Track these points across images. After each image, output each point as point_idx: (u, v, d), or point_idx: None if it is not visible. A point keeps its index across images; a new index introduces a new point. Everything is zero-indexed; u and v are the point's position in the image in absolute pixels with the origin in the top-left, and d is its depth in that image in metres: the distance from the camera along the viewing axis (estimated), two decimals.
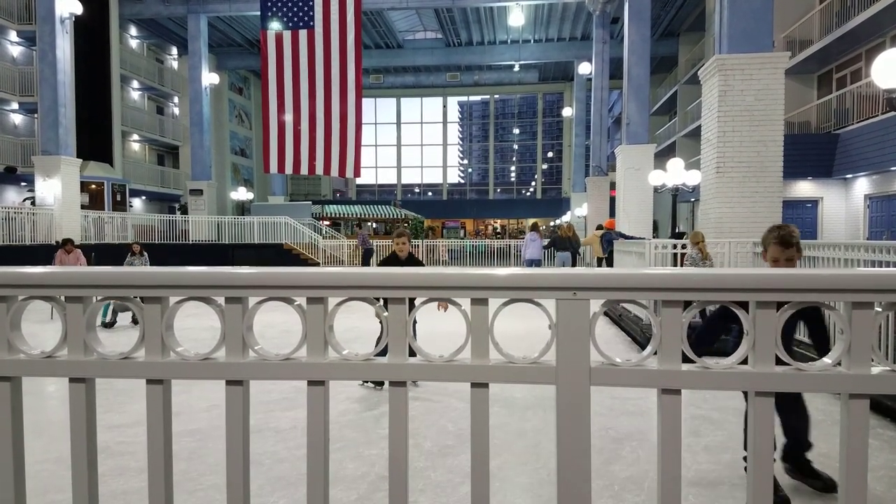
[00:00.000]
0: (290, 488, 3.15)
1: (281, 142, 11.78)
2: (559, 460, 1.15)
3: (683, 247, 7.80)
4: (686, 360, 1.15)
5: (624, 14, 15.84)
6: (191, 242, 20.09)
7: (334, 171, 11.89)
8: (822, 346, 3.13)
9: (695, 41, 24.88)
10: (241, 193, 30.95)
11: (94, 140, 21.35)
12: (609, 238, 12.84)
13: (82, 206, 17.01)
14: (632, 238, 11.90)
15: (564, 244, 14.19)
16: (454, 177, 43.96)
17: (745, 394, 1.18)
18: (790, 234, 3.03)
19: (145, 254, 9.50)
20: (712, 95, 8.24)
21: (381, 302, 1.27)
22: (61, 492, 3.08)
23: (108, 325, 8.84)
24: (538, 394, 4.94)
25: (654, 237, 14.90)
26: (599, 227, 16.82)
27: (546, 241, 14.96)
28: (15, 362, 1.26)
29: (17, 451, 1.27)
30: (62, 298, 1.26)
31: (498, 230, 41.24)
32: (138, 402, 4.71)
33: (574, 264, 13.83)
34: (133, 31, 26.19)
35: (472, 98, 43.74)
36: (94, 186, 20.58)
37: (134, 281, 1.23)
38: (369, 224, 29.71)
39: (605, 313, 7.92)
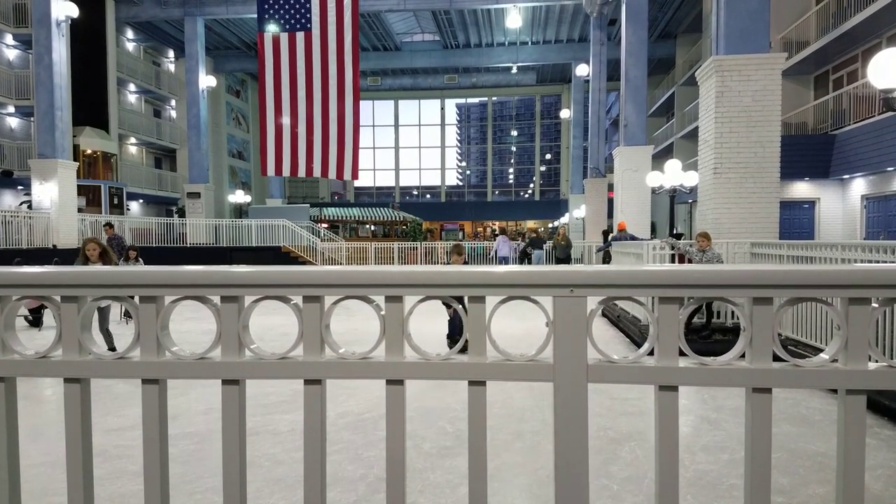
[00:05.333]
0: (289, 490, 3.15)
1: (278, 144, 11.77)
2: (557, 458, 1.15)
3: (672, 248, 7.79)
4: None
5: (621, 16, 15.86)
6: (189, 245, 20.06)
7: (332, 174, 11.88)
8: None
9: (692, 42, 24.94)
10: (239, 196, 30.91)
11: None
12: (620, 239, 12.93)
13: (79, 210, 16.97)
14: (641, 240, 12.00)
15: (538, 244, 17.51)
16: (452, 179, 43.96)
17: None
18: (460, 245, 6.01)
19: (141, 260, 9.40)
20: (709, 96, 8.26)
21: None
22: (58, 495, 3.07)
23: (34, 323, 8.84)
24: (537, 395, 4.94)
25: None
26: (605, 233, 17.65)
27: (523, 243, 17.97)
28: (9, 363, 1.25)
29: (12, 452, 1.26)
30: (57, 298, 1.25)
31: (496, 232, 41.22)
32: (136, 406, 4.70)
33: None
34: (130, 34, 26.16)
35: (470, 100, 43.74)
36: (88, 153, 20.64)
37: (129, 280, 1.23)
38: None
39: (604, 314, 7.99)
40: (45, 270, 1.25)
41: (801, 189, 15.83)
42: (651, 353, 1.17)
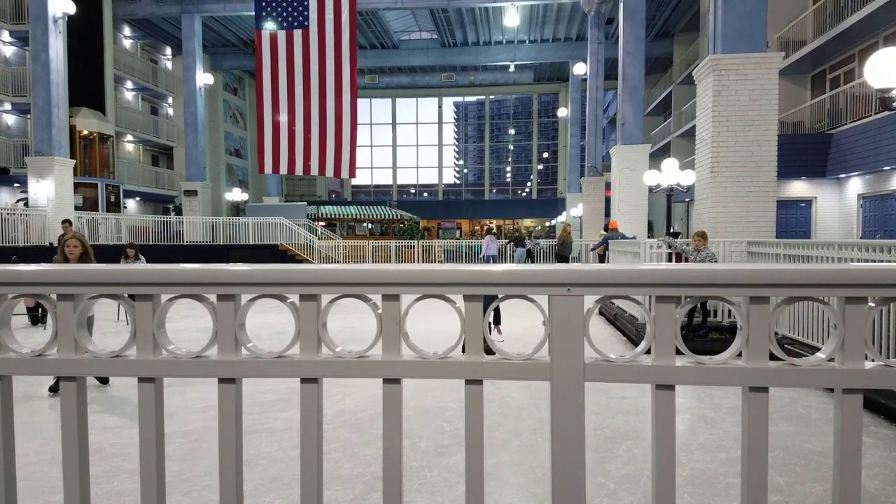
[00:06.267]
0: (285, 489, 3.14)
1: (276, 142, 11.75)
2: (553, 456, 1.15)
3: (669, 246, 7.80)
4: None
5: (619, 15, 15.87)
6: (185, 243, 20.02)
7: (329, 172, 11.86)
8: None
9: (689, 42, 24.95)
10: (236, 194, 30.82)
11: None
12: (611, 239, 12.97)
13: (76, 208, 16.93)
14: (631, 239, 12.09)
15: (521, 242, 17.80)
16: (450, 177, 43.99)
17: None
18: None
19: (142, 257, 9.20)
20: (706, 95, 8.26)
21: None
22: (54, 493, 3.06)
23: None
24: (534, 393, 4.94)
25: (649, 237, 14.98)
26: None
27: (506, 240, 18.56)
28: (5, 361, 1.24)
29: (8, 450, 1.26)
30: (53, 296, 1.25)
31: (494, 231, 41.25)
32: (133, 405, 4.69)
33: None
34: (127, 31, 26.06)
35: (468, 98, 43.75)
36: (85, 133, 20.60)
37: (125, 278, 1.22)
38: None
39: (601, 313, 8.01)
40: (41, 268, 1.25)
41: (798, 188, 15.86)
42: (648, 351, 1.17)
